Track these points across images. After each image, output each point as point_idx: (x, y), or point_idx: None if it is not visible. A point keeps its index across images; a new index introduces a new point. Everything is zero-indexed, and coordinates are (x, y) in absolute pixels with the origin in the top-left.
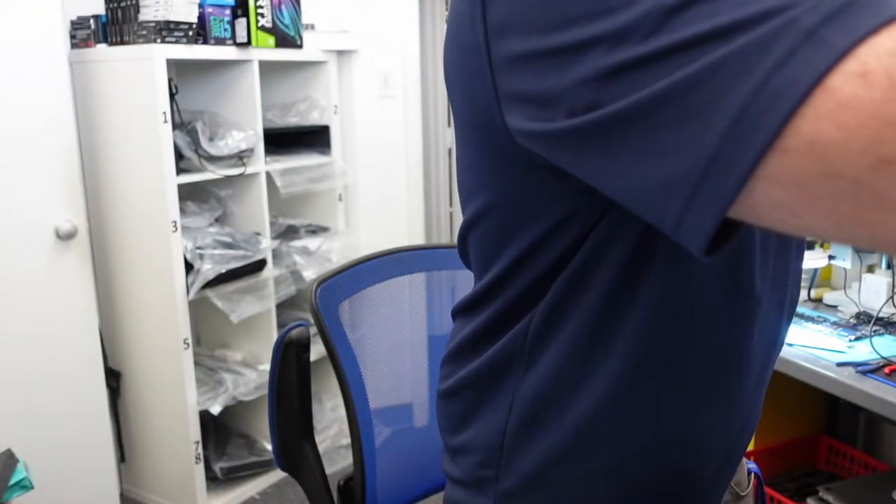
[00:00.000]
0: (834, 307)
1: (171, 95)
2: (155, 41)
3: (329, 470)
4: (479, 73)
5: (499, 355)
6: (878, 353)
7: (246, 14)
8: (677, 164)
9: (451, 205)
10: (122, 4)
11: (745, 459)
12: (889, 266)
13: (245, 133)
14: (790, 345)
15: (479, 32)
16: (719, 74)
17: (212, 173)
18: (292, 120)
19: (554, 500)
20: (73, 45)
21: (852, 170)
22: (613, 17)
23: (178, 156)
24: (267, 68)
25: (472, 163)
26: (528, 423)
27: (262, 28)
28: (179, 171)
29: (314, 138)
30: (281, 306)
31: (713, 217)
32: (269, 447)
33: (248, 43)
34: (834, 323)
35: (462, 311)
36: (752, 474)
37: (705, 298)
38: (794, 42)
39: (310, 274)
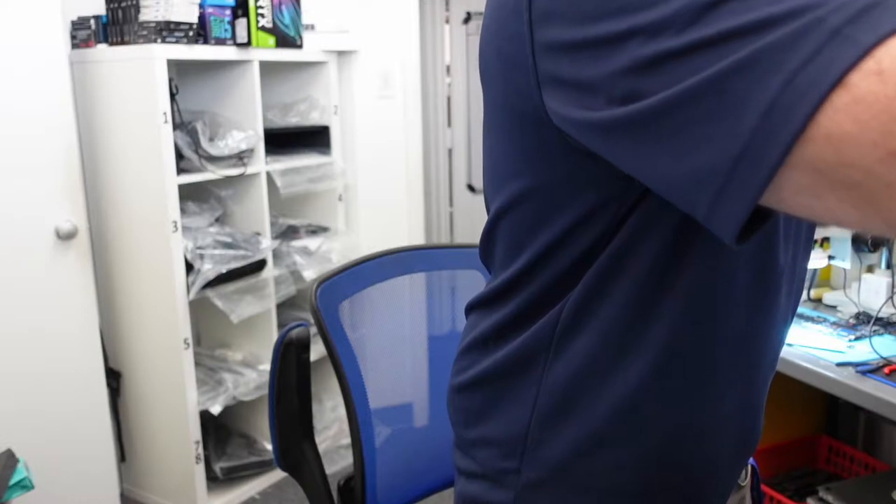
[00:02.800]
0: (833, 307)
1: (172, 95)
2: (155, 41)
3: (329, 470)
4: (520, 59)
5: (524, 346)
6: (877, 353)
7: (246, 14)
8: (709, 155)
9: (451, 205)
10: (123, 5)
11: None
12: (888, 266)
13: (245, 133)
14: (790, 345)
15: (524, 21)
16: (750, 70)
17: (212, 173)
18: (292, 120)
19: (579, 489)
20: (74, 46)
21: (864, 160)
22: (651, 11)
23: (179, 156)
24: (267, 68)
25: (505, 152)
26: (555, 414)
27: (263, 28)
28: (180, 171)
29: (314, 138)
30: (281, 306)
31: (745, 206)
32: (269, 447)
33: (249, 43)
34: (833, 323)
35: (480, 304)
36: (750, 467)
37: (735, 287)
38: (819, 40)
39: (310, 274)
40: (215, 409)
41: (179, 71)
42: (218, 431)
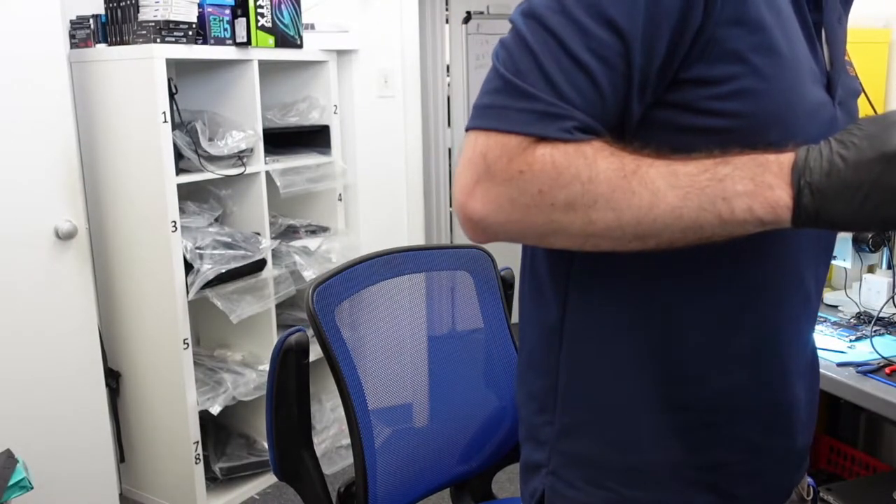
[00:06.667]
0: (834, 307)
1: (171, 95)
2: (155, 41)
3: (329, 470)
4: None
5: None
6: (878, 354)
7: (246, 14)
8: None
9: (450, 205)
10: (122, 4)
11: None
12: (889, 266)
13: (245, 133)
14: None
15: None
16: None
17: (211, 173)
18: (292, 120)
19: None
20: (73, 45)
21: None
22: None
23: (178, 156)
24: (267, 68)
25: None
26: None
27: (262, 28)
28: (179, 170)
29: (314, 138)
30: (281, 306)
31: None
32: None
33: (248, 43)
34: (834, 323)
35: None
36: (811, 487)
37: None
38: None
39: (310, 274)
40: (215, 410)
41: (179, 70)
42: (217, 432)
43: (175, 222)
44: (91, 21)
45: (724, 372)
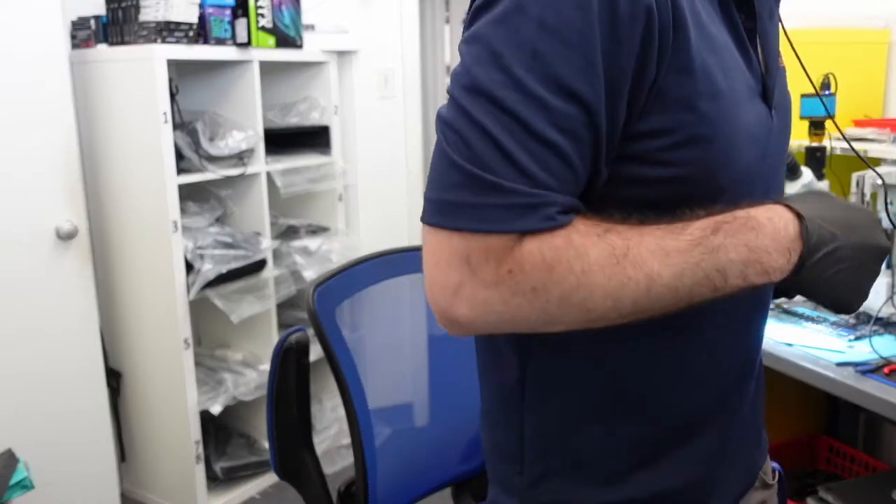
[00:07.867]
0: None
1: (172, 95)
2: (155, 41)
3: (329, 470)
4: None
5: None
6: (877, 353)
7: (246, 14)
8: None
9: None
10: (123, 5)
11: (769, 459)
12: (889, 266)
13: (245, 133)
14: (790, 345)
15: None
16: None
17: (212, 173)
18: (292, 120)
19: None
20: (74, 46)
21: None
22: None
23: (179, 156)
24: (267, 68)
25: None
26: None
27: (263, 28)
28: (180, 171)
29: (314, 138)
30: (281, 306)
31: None
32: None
33: (249, 43)
34: (833, 323)
35: None
36: (776, 472)
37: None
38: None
39: (310, 274)
40: (215, 409)
41: (179, 71)
42: (218, 431)
43: (176, 222)
44: (92, 21)
45: (688, 398)
